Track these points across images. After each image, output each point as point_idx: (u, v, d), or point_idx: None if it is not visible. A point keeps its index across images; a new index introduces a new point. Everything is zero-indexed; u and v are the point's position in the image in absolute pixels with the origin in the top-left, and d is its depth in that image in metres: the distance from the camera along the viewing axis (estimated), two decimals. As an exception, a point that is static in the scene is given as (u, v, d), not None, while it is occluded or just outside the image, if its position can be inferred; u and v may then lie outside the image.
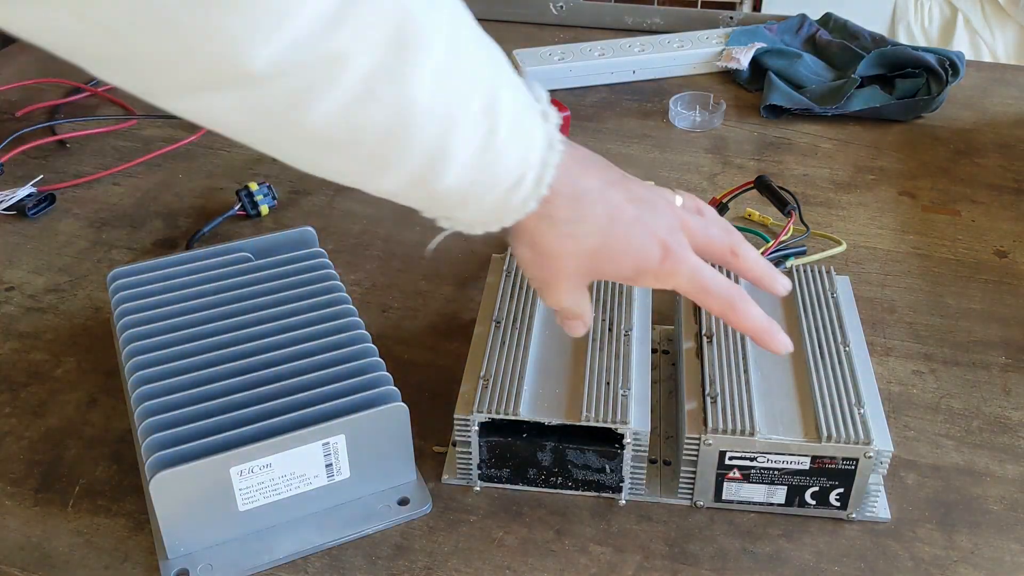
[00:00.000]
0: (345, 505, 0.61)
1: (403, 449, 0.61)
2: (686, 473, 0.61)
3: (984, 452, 0.66)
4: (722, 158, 1.00)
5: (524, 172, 0.47)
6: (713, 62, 1.17)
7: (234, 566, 0.58)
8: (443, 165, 0.45)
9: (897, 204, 0.93)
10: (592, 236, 0.51)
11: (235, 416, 0.58)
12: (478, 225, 0.50)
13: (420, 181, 0.46)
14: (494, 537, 0.60)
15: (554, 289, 0.53)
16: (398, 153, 0.44)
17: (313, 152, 0.44)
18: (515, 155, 0.47)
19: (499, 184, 0.47)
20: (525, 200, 0.48)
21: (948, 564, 0.59)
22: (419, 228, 0.88)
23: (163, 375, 0.61)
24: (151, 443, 0.56)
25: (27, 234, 0.88)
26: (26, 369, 0.73)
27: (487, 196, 0.48)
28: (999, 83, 1.16)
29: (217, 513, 0.57)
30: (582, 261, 0.52)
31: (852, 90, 1.06)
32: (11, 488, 0.63)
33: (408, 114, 0.42)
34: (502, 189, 0.47)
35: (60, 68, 1.17)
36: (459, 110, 0.44)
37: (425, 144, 0.44)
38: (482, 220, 0.50)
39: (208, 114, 0.41)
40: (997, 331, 0.77)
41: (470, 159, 0.45)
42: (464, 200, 0.48)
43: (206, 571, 0.57)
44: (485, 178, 0.47)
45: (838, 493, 0.60)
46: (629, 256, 0.52)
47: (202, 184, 0.95)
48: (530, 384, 0.62)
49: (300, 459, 0.58)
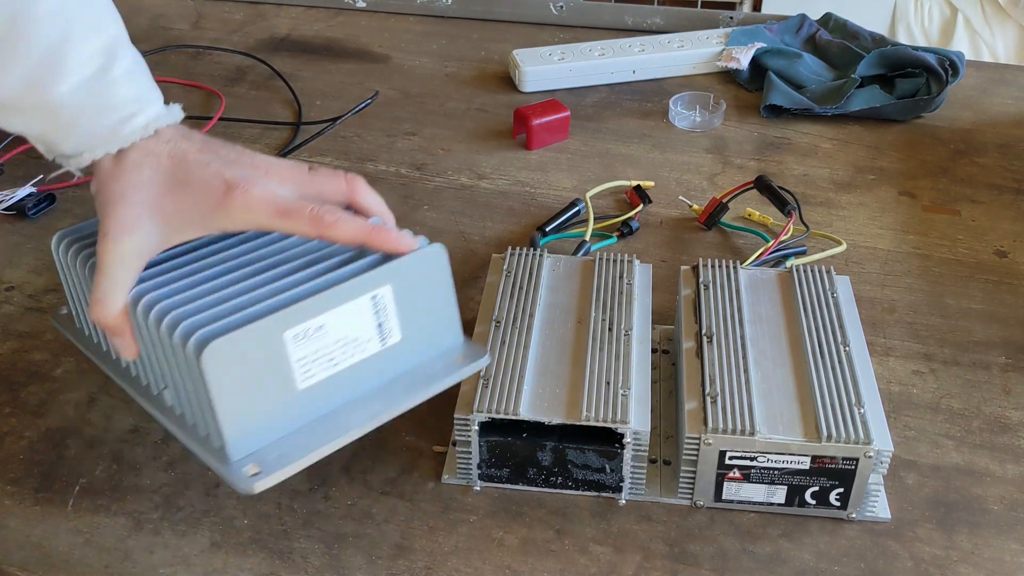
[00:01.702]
0: (402, 377, 0.59)
1: (447, 298, 0.60)
2: (686, 473, 0.61)
3: (984, 452, 0.66)
4: (722, 158, 1.00)
5: (139, 111, 0.54)
6: (713, 62, 1.17)
7: (304, 449, 0.54)
8: (59, 74, 0.52)
9: (897, 204, 0.93)
10: (156, 168, 0.54)
11: (276, 285, 0.55)
12: (87, 150, 0.54)
13: (37, 84, 0.52)
14: (494, 537, 0.60)
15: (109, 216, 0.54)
16: (18, 44, 0.51)
17: None
18: (131, 94, 0.54)
19: (112, 111, 0.54)
20: (131, 134, 0.54)
21: (948, 564, 0.59)
22: (419, 228, 0.88)
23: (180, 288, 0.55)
24: (188, 325, 0.52)
25: (27, 234, 0.88)
26: (26, 369, 0.73)
27: (99, 121, 0.53)
28: (999, 83, 1.16)
29: (277, 396, 0.53)
30: (141, 192, 0.54)
31: (852, 90, 1.06)
32: (11, 488, 0.63)
33: (29, 13, 0.51)
34: (114, 119, 0.54)
35: (60, 68, 1.18)
36: (78, 32, 0.53)
37: (42, 45, 0.51)
38: (90, 144, 0.54)
39: None
40: (997, 331, 0.77)
41: (85, 78, 0.53)
42: (76, 118, 0.53)
43: (279, 461, 0.53)
44: (99, 100, 0.53)
45: (838, 493, 0.60)
46: (194, 188, 0.54)
47: (202, 184, 0.95)
48: (530, 384, 0.62)
49: (352, 319, 0.55)
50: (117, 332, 0.55)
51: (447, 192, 0.94)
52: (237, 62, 1.18)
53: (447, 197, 0.93)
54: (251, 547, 0.60)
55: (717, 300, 0.69)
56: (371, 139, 1.03)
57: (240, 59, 1.18)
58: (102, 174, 0.54)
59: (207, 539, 0.60)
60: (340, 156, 1.00)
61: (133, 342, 0.56)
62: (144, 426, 0.68)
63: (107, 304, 0.54)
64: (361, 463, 0.65)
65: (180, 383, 0.55)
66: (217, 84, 1.13)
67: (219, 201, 0.54)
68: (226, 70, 1.17)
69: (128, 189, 0.54)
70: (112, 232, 0.53)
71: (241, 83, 1.14)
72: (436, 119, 1.07)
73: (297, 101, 1.10)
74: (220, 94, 1.11)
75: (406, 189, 0.95)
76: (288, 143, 1.02)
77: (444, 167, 0.98)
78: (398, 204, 0.92)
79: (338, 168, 0.61)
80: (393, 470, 0.65)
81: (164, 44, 1.22)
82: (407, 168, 0.98)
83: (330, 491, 0.63)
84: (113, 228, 0.53)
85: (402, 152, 1.01)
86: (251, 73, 1.16)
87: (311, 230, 0.55)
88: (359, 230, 0.55)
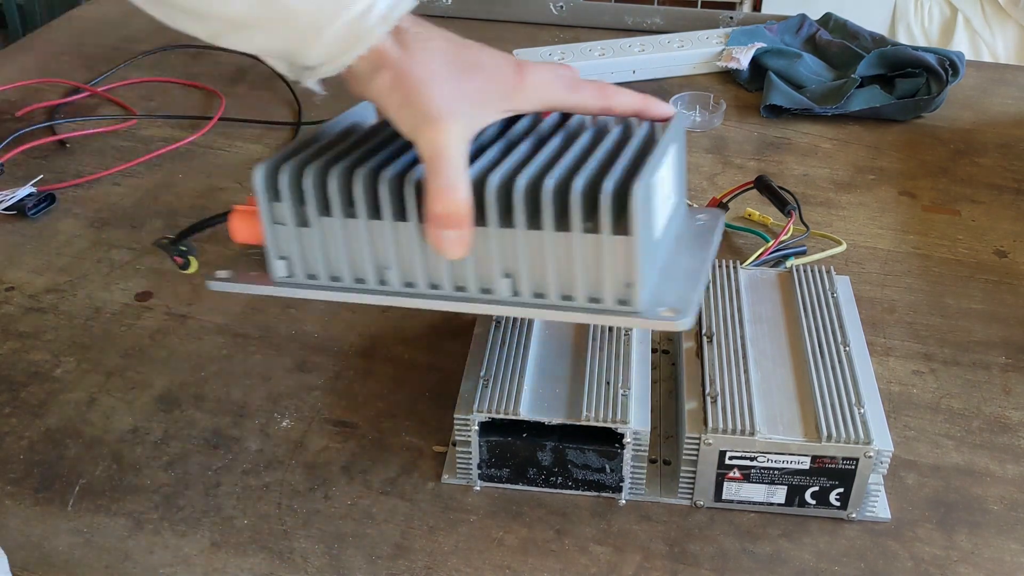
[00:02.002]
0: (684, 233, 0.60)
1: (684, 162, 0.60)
2: (686, 473, 0.61)
3: (984, 452, 0.66)
4: (722, 158, 1.00)
5: (374, 1, 0.50)
6: (713, 62, 1.17)
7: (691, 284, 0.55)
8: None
9: (897, 204, 0.93)
10: (445, 52, 0.52)
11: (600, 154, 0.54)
12: (334, 60, 0.51)
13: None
14: (494, 537, 0.60)
15: (430, 100, 0.51)
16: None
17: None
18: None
19: (348, 7, 0.49)
20: (373, 27, 0.50)
21: (948, 564, 0.59)
22: (419, 228, 0.89)
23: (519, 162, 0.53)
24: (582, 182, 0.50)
25: (27, 234, 0.88)
26: (26, 369, 0.73)
27: (336, 21, 0.49)
28: (999, 83, 1.16)
29: (653, 244, 0.54)
30: (446, 67, 0.52)
31: (852, 90, 1.06)
32: (11, 488, 0.63)
33: None
34: (351, 14, 0.49)
35: (60, 68, 1.18)
36: None
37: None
38: (336, 52, 0.51)
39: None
40: (997, 331, 0.77)
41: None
42: (313, 23, 0.49)
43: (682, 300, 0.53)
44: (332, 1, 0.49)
45: (838, 493, 0.60)
46: (487, 70, 0.53)
47: (202, 184, 0.96)
48: (530, 384, 0.62)
49: (665, 175, 0.55)
50: (462, 221, 0.51)
51: (447, 192, 0.94)
52: (237, 62, 1.18)
53: (447, 197, 0.93)
54: (251, 547, 0.60)
55: (717, 300, 0.69)
56: (371, 139, 1.03)
57: (240, 59, 1.18)
58: (389, 61, 0.51)
59: (207, 539, 0.60)
60: (340, 156, 1.00)
61: (470, 233, 0.52)
62: (144, 426, 0.68)
63: (459, 189, 0.51)
64: (361, 463, 0.65)
65: (544, 256, 0.52)
66: (217, 84, 1.13)
67: (516, 80, 0.54)
68: (226, 70, 1.17)
69: (431, 76, 0.51)
70: (441, 117, 0.50)
71: (241, 83, 1.14)
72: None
73: (297, 101, 1.10)
74: (220, 94, 1.11)
75: (406, 189, 0.95)
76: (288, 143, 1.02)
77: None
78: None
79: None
80: (393, 470, 0.65)
81: (164, 44, 1.22)
82: (407, 168, 0.98)
83: (330, 491, 0.63)
84: (438, 113, 0.50)
85: (402, 152, 1.01)
86: (251, 73, 1.16)
87: (597, 102, 0.57)
88: (636, 98, 0.58)
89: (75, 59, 1.20)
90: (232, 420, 0.68)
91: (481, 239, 0.52)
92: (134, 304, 0.79)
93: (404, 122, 0.51)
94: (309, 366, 0.73)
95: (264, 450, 0.66)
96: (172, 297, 0.80)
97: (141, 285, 0.82)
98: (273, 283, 0.56)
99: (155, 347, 0.75)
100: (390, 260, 0.54)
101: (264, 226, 0.55)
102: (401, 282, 0.55)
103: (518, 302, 0.54)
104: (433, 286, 0.55)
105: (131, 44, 1.23)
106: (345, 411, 0.69)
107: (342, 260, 0.55)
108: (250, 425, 0.68)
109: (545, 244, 0.52)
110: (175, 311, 0.79)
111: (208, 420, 0.68)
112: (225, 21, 0.50)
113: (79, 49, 1.22)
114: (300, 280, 0.56)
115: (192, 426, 0.68)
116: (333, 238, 0.55)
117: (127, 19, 1.30)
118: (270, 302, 0.79)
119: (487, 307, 0.54)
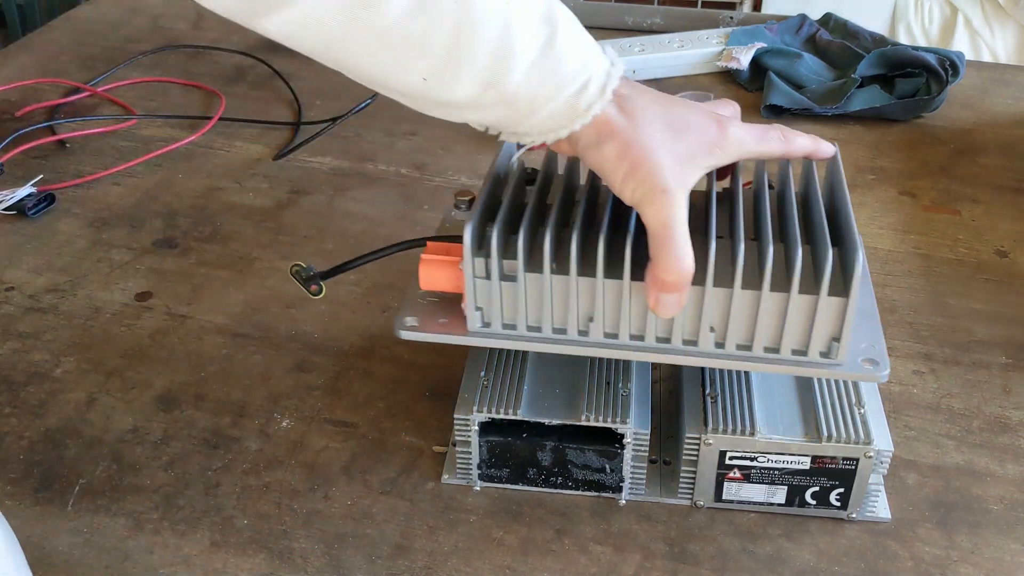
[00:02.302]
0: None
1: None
2: (686, 473, 0.61)
3: (984, 452, 0.66)
4: (722, 158, 1.00)
5: (588, 77, 0.52)
6: (713, 62, 1.17)
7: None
8: (510, 63, 0.50)
9: (898, 204, 0.93)
10: (660, 115, 0.54)
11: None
12: (550, 132, 0.53)
13: (492, 82, 0.50)
14: (494, 537, 0.60)
15: (656, 171, 0.52)
16: (468, 47, 0.49)
17: (395, 53, 0.49)
18: (576, 61, 0.51)
19: (564, 87, 0.51)
20: (590, 105, 0.52)
21: (948, 564, 0.59)
22: (419, 228, 0.89)
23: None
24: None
25: (27, 234, 0.88)
26: (26, 369, 0.73)
27: (554, 100, 0.51)
28: (999, 83, 1.16)
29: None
30: (663, 133, 0.53)
31: (852, 90, 1.06)
32: (11, 488, 0.63)
33: (472, 9, 0.48)
34: (567, 94, 0.51)
35: (60, 68, 1.18)
36: (518, 11, 0.49)
37: (490, 41, 0.49)
38: (553, 126, 0.53)
39: (302, 24, 0.48)
40: (998, 331, 0.77)
41: (534, 59, 0.50)
42: (532, 104, 0.51)
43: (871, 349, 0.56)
44: (551, 80, 0.51)
45: (838, 493, 0.60)
46: (694, 129, 0.54)
47: (202, 184, 0.96)
48: (530, 384, 0.62)
49: None
50: (685, 287, 0.54)
51: (447, 192, 0.94)
52: (237, 62, 1.18)
53: (447, 197, 0.93)
54: (251, 547, 0.60)
55: (717, 300, 0.69)
56: (371, 139, 1.03)
57: (240, 59, 1.18)
58: (615, 131, 0.53)
59: (207, 539, 0.60)
60: (340, 156, 1.00)
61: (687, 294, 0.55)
62: (144, 426, 0.68)
63: (687, 259, 0.52)
64: (361, 463, 0.65)
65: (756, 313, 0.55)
66: (217, 84, 1.13)
67: (720, 137, 0.55)
68: (226, 70, 1.17)
69: (657, 147, 0.53)
70: (668, 190, 0.52)
71: (241, 83, 1.14)
72: (436, 119, 1.07)
73: (297, 101, 1.10)
74: (220, 94, 1.11)
75: (406, 189, 0.95)
76: (288, 143, 1.02)
77: (444, 167, 0.98)
78: (398, 204, 0.92)
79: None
80: (393, 470, 0.65)
81: (164, 44, 1.22)
82: (407, 168, 0.98)
83: (330, 491, 0.63)
84: (665, 186, 0.52)
85: (402, 152, 1.01)
86: (251, 73, 1.16)
87: (780, 147, 0.59)
88: (809, 141, 0.60)
89: (75, 59, 1.20)
90: (232, 420, 0.68)
91: (695, 296, 0.55)
92: (134, 304, 0.79)
93: (629, 191, 0.53)
94: (309, 366, 0.73)
95: (264, 450, 0.66)
96: (172, 297, 0.80)
97: (141, 285, 0.82)
98: (468, 333, 0.58)
99: (155, 347, 0.75)
100: (596, 313, 0.56)
101: (466, 280, 0.56)
102: (603, 333, 0.57)
103: (722, 354, 0.56)
104: (636, 337, 0.57)
105: (131, 44, 1.23)
106: (345, 411, 0.69)
107: (546, 313, 0.57)
108: (250, 425, 0.68)
109: (761, 303, 0.54)
110: (175, 311, 0.79)
111: (208, 420, 0.68)
112: (444, 104, 0.52)
113: (79, 49, 1.22)
114: (496, 330, 0.58)
115: (192, 426, 0.68)
116: (539, 292, 0.56)
117: (127, 19, 1.30)
118: (270, 302, 0.79)
119: (691, 359, 0.57)
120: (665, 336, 0.57)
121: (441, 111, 0.53)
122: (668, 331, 0.56)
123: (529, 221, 0.56)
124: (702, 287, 0.54)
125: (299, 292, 0.80)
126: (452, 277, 0.58)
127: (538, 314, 0.57)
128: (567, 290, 0.56)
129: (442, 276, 0.58)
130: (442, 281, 0.58)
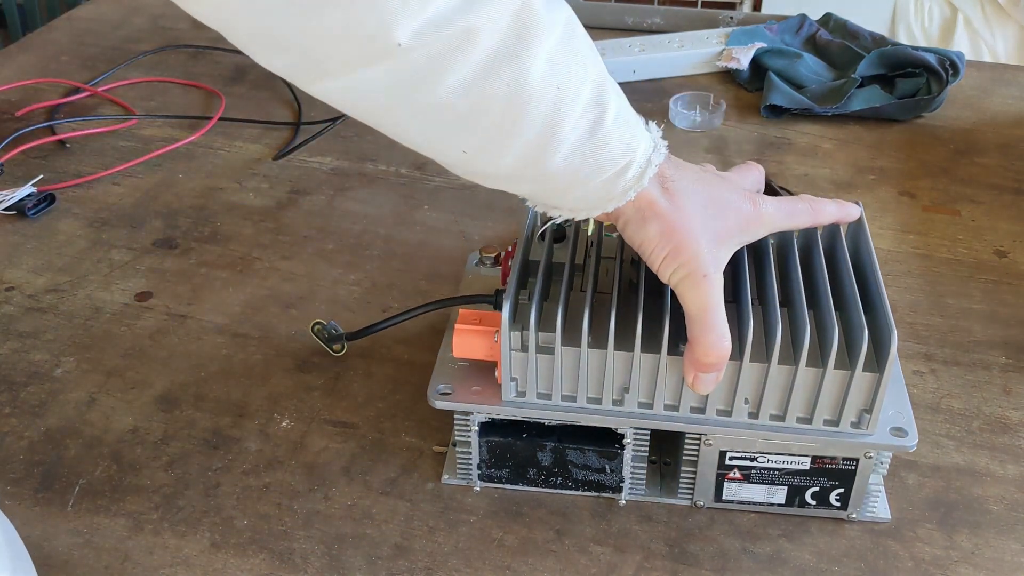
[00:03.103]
0: None
1: None
2: (686, 473, 0.61)
3: (984, 452, 0.66)
4: (722, 158, 1.00)
5: (629, 161, 0.52)
6: (713, 62, 1.17)
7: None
8: (554, 145, 0.50)
9: (897, 204, 0.93)
10: (700, 194, 0.55)
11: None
12: (582, 210, 0.54)
13: (533, 160, 0.50)
14: (494, 537, 0.60)
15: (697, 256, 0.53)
16: (515, 128, 0.49)
17: (442, 128, 0.50)
18: (620, 145, 0.51)
19: (604, 170, 0.52)
20: (627, 189, 0.53)
21: (948, 564, 0.59)
22: (419, 228, 0.89)
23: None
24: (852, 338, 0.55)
25: (27, 234, 0.88)
26: (26, 369, 0.73)
27: (592, 181, 0.52)
28: (999, 83, 1.16)
29: None
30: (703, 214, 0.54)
31: (852, 90, 1.06)
32: (11, 488, 0.63)
33: (523, 92, 0.48)
34: (606, 176, 0.52)
35: (60, 68, 1.18)
36: (568, 95, 0.49)
37: (537, 123, 0.49)
38: (586, 205, 0.54)
39: (355, 92, 0.48)
40: (997, 331, 0.77)
41: (577, 142, 0.50)
42: (570, 183, 0.52)
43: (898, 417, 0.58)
44: (591, 163, 0.51)
45: (838, 493, 0.60)
46: (731, 209, 0.56)
47: (202, 184, 0.96)
48: (530, 384, 0.62)
49: None
50: (724, 366, 0.55)
51: (447, 192, 0.94)
52: (237, 62, 1.18)
53: (447, 197, 0.93)
54: (251, 547, 0.60)
55: (717, 300, 0.69)
56: (371, 139, 1.03)
57: (240, 59, 1.18)
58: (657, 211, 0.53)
59: (207, 539, 0.60)
60: (340, 156, 1.00)
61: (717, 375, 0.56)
62: (144, 426, 0.68)
63: (725, 341, 0.54)
64: (361, 463, 0.65)
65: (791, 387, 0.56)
66: (217, 84, 1.13)
67: (752, 215, 0.56)
68: (226, 70, 1.17)
69: (699, 230, 0.54)
70: (708, 274, 0.53)
71: (241, 83, 1.14)
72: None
73: (297, 101, 1.10)
74: (220, 94, 1.11)
75: (406, 189, 0.95)
76: (288, 143, 1.02)
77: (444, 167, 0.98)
78: (398, 204, 0.92)
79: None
80: (393, 470, 0.65)
81: (164, 44, 1.22)
82: (407, 168, 0.98)
83: (330, 491, 0.63)
84: (705, 270, 0.53)
85: (402, 152, 1.01)
86: (251, 73, 1.16)
87: (809, 219, 0.59)
88: (835, 209, 0.61)
89: (75, 59, 1.20)
90: (232, 420, 0.68)
91: (731, 370, 0.56)
92: (134, 304, 0.79)
93: (668, 273, 0.54)
94: (309, 366, 0.73)
95: (264, 450, 0.66)
96: (172, 297, 0.80)
97: (141, 285, 0.82)
98: (503, 403, 0.59)
99: (155, 347, 0.75)
100: (632, 385, 0.57)
101: (503, 353, 0.57)
102: (638, 403, 0.58)
103: (757, 424, 0.58)
104: (670, 407, 0.58)
105: (131, 44, 1.23)
106: (345, 411, 0.69)
107: (582, 384, 0.58)
108: (250, 425, 0.68)
109: (797, 378, 0.56)
110: (175, 311, 0.79)
111: (208, 420, 0.68)
112: (480, 174, 0.54)
113: (79, 49, 1.22)
114: (531, 400, 0.59)
115: (192, 426, 0.68)
116: (576, 365, 0.57)
117: (127, 19, 1.30)
118: (270, 302, 0.79)
119: (724, 430, 0.58)
120: (699, 406, 0.58)
121: (476, 178, 0.54)
122: (703, 401, 0.58)
123: (565, 294, 0.57)
124: (739, 362, 0.56)
125: (299, 292, 0.80)
126: (486, 346, 0.59)
127: (573, 385, 0.58)
128: (603, 364, 0.57)
129: (476, 345, 0.59)
130: (476, 350, 0.60)
